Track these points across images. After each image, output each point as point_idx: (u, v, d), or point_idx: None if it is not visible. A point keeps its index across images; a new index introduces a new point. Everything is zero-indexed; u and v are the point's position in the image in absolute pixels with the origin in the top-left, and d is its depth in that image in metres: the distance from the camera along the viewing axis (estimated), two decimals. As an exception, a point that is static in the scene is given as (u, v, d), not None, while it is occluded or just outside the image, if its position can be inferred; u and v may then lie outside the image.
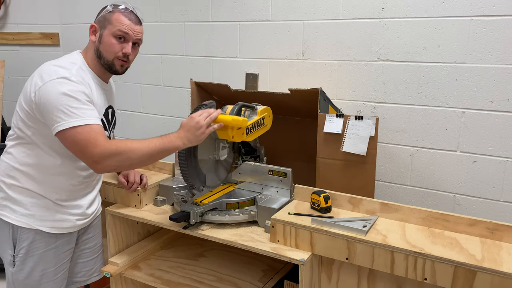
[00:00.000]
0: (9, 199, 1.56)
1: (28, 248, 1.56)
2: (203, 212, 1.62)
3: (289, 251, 1.47)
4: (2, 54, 3.09)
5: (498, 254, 1.31)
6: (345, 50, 2.15)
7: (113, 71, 1.62)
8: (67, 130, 1.40)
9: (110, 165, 1.43)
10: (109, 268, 1.79)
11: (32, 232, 1.56)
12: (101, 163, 1.41)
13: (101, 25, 1.57)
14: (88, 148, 1.40)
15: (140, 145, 1.44)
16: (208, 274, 1.82)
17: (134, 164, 1.49)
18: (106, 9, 1.59)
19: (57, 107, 1.40)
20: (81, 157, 1.44)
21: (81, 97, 1.43)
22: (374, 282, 1.45)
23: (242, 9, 2.40)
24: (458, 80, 1.93)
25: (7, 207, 1.56)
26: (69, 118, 1.39)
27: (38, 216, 1.56)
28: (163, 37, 2.69)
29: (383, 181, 2.17)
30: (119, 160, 1.42)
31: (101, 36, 1.57)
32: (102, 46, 1.57)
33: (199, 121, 1.48)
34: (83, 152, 1.41)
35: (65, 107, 1.40)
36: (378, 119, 1.76)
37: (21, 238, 1.56)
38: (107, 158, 1.40)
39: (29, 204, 1.55)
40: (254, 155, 1.96)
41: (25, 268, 1.57)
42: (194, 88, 2.11)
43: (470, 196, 1.99)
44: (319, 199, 1.59)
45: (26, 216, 1.55)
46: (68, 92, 1.41)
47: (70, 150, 1.46)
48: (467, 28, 1.88)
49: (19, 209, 1.55)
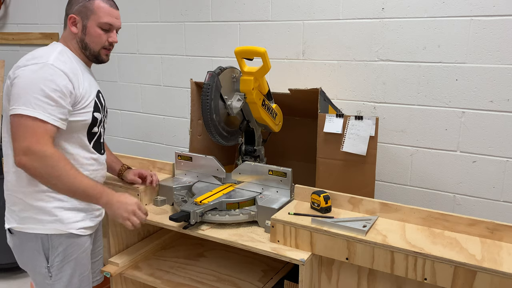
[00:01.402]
0: (30, 209, 1.48)
1: (64, 254, 1.50)
2: (203, 212, 1.61)
3: (289, 251, 1.47)
4: (2, 54, 3.09)
5: (498, 254, 1.31)
6: (345, 50, 2.15)
7: (99, 61, 1.60)
8: (23, 116, 1.35)
9: (33, 165, 1.37)
10: (109, 268, 1.79)
11: (63, 237, 1.50)
12: (28, 156, 1.36)
13: (83, 15, 1.53)
14: (28, 139, 1.36)
15: (75, 173, 1.43)
16: (208, 274, 1.82)
17: (51, 178, 1.41)
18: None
19: (28, 93, 1.36)
20: (16, 142, 1.38)
21: (54, 94, 1.39)
22: (374, 282, 1.45)
23: (242, 9, 2.40)
24: (458, 80, 1.93)
25: (30, 218, 1.48)
26: (32, 107, 1.36)
27: (65, 219, 1.50)
28: (163, 37, 2.69)
29: (383, 181, 2.17)
30: (44, 165, 1.37)
31: (85, 28, 1.53)
32: (88, 37, 1.54)
33: (134, 210, 1.54)
34: (23, 139, 1.36)
35: (35, 95, 1.36)
36: (378, 119, 1.76)
37: (53, 246, 1.49)
38: (36, 157, 1.36)
39: (53, 209, 1.48)
40: (254, 155, 1.97)
41: (63, 276, 1.51)
42: (194, 88, 2.11)
43: (470, 196, 1.99)
44: (319, 199, 1.59)
45: (54, 222, 1.48)
46: (43, 80, 1.38)
47: (12, 133, 1.40)
48: (467, 28, 1.88)
49: (45, 217, 1.47)
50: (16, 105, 1.37)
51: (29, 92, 1.36)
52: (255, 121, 1.92)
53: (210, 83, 1.71)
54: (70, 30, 1.55)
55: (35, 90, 1.36)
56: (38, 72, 1.39)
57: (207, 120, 1.74)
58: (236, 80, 1.82)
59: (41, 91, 1.37)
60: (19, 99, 1.37)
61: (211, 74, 1.72)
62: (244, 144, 1.98)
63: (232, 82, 1.82)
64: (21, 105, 1.36)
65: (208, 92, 1.71)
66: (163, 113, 2.81)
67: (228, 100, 1.79)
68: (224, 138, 1.84)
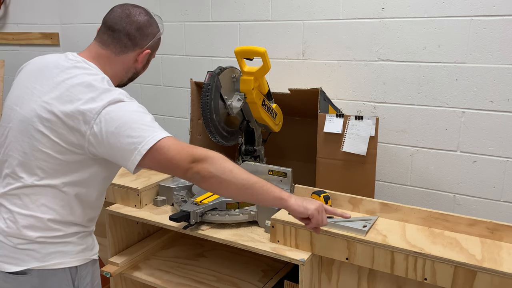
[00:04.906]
0: (57, 243, 1.30)
1: (92, 284, 1.40)
2: (203, 212, 1.61)
3: (289, 251, 1.47)
4: (2, 54, 3.09)
5: (498, 254, 1.31)
6: (345, 50, 2.15)
7: (122, 85, 1.48)
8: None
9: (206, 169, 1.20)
10: (109, 268, 1.79)
11: (89, 265, 1.39)
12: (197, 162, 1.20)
13: (153, 50, 1.44)
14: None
15: (239, 168, 1.25)
16: (208, 274, 1.82)
17: (229, 180, 1.21)
18: (159, 33, 1.44)
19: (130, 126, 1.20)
20: (174, 168, 1.22)
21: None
22: (374, 282, 1.45)
23: (242, 9, 2.40)
24: (458, 80, 1.93)
25: (57, 252, 1.30)
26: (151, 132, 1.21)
27: (90, 245, 1.39)
28: (163, 37, 2.67)
29: (383, 181, 2.17)
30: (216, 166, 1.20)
31: (148, 62, 1.45)
32: (143, 70, 1.46)
33: (326, 208, 1.31)
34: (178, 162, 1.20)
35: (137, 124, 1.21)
36: (378, 119, 1.76)
37: (81, 276, 1.36)
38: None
39: (77, 239, 1.34)
40: (254, 155, 1.97)
41: None
42: (194, 88, 2.11)
43: (470, 196, 1.99)
44: (319, 199, 1.59)
45: (83, 251, 1.36)
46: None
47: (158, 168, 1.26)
48: (467, 28, 1.88)
49: (71, 248, 1.33)
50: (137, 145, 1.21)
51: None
52: (255, 121, 1.93)
53: (210, 83, 1.71)
54: (132, 62, 1.40)
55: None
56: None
57: (207, 120, 1.74)
58: (236, 80, 1.82)
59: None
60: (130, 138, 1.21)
61: (211, 74, 1.72)
62: (244, 144, 1.98)
63: (232, 82, 1.82)
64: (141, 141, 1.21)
65: (208, 92, 1.71)
66: (163, 113, 2.81)
67: (228, 100, 1.79)
68: (224, 138, 1.84)
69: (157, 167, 1.25)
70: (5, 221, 1.28)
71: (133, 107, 1.24)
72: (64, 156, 1.24)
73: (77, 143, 1.22)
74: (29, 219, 1.26)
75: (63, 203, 1.28)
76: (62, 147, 1.23)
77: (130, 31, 1.36)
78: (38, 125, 1.24)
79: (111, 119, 1.20)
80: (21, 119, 1.27)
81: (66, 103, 1.22)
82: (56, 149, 1.24)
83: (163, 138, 1.20)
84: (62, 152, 1.24)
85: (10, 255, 1.27)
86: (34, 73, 1.33)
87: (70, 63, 1.30)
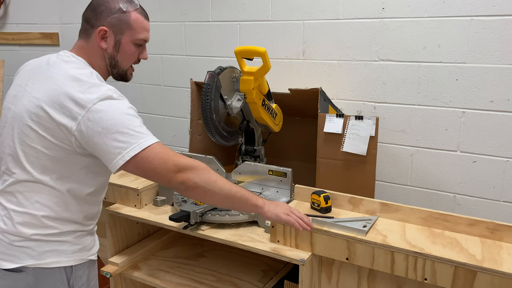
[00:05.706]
0: (52, 241, 1.30)
1: (87, 284, 1.39)
2: (203, 212, 1.61)
3: (289, 251, 1.47)
4: (2, 54, 3.08)
5: (498, 254, 1.31)
6: (345, 50, 2.15)
7: (125, 80, 1.45)
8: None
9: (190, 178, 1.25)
10: (109, 268, 1.79)
11: (85, 265, 1.38)
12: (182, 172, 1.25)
13: (116, 29, 1.33)
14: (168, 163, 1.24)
15: (222, 179, 1.32)
16: (208, 274, 1.82)
17: (213, 190, 1.29)
18: (117, 8, 1.33)
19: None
20: (160, 176, 1.26)
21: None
22: (374, 282, 1.44)
23: (242, 9, 2.40)
24: (458, 80, 1.93)
25: (53, 251, 1.30)
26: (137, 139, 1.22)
27: (88, 245, 1.38)
28: (163, 37, 2.69)
29: (383, 181, 2.17)
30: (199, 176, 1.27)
31: (118, 44, 1.35)
32: (120, 55, 1.37)
33: (292, 209, 1.43)
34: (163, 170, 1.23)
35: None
36: (378, 119, 1.76)
37: (77, 276, 1.35)
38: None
39: (77, 236, 1.35)
40: (254, 155, 1.97)
41: None
42: (194, 88, 2.11)
43: (470, 196, 1.99)
44: (319, 199, 1.59)
45: (79, 251, 1.35)
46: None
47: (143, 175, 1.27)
48: (467, 28, 1.88)
49: (69, 247, 1.32)
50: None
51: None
52: (255, 121, 1.92)
53: (210, 83, 1.71)
54: (98, 44, 1.34)
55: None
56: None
57: (207, 120, 1.74)
58: (236, 80, 1.82)
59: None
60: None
61: (211, 74, 1.72)
62: (244, 144, 1.98)
63: (232, 82, 1.82)
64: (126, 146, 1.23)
65: (208, 92, 1.71)
66: (163, 113, 2.81)
67: (228, 100, 1.79)
68: (224, 138, 1.84)
69: (141, 174, 1.26)
70: (1, 218, 1.29)
71: (123, 108, 1.24)
72: (52, 152, 1.25)
73: (65, 137, 1.23)
74: (23, 216, 1.27)
75: (57, 200, 1.29)
76: (50, 142, 1.24)
77: (86, 14, 1.36)
78: (27, 120, 1.25)
79: (99, 119, 1.20)
80: (13, 115, 1.30)
81: (53, 98, 1.22)
82: (44, 144, 1.24)
83: (148, 146, 1.21)
84: (50, 147, 1.24)
85: (6, 252, 1.28)
86: (28, 73, 1.35)
87: (60, 58, 1.33)
